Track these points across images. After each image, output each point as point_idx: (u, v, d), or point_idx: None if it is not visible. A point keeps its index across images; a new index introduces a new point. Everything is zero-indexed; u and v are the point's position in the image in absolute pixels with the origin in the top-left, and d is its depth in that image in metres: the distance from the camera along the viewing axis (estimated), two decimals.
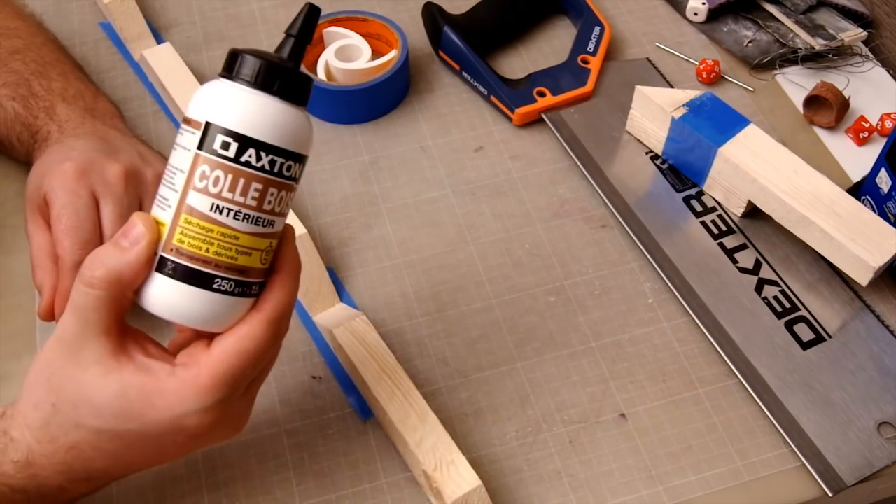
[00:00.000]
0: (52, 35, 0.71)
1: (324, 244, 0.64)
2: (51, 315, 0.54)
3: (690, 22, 0.80)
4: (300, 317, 0.60)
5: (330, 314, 0.59)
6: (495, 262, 0.64)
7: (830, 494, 0.53)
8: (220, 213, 0.39)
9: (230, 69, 0.40)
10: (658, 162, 0.69)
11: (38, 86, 0.63)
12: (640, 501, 0.53)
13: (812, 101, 0.72)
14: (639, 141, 0.70)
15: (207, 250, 0.39)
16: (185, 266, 0.40)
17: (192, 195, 0.39)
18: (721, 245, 0.64)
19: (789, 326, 0.60)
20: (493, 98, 0.72)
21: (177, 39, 0.78)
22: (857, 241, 0.58)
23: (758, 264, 0.63)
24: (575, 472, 0.54)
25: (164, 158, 0.60)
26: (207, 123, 0.39)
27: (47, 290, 0.54)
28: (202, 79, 0.73)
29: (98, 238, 0.54)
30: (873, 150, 0.69)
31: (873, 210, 0.63)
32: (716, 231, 0.65)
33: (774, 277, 0.62)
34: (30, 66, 0.64)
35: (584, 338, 0.60)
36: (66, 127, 0.60)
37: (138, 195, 0.57)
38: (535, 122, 0.72)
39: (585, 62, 0.74)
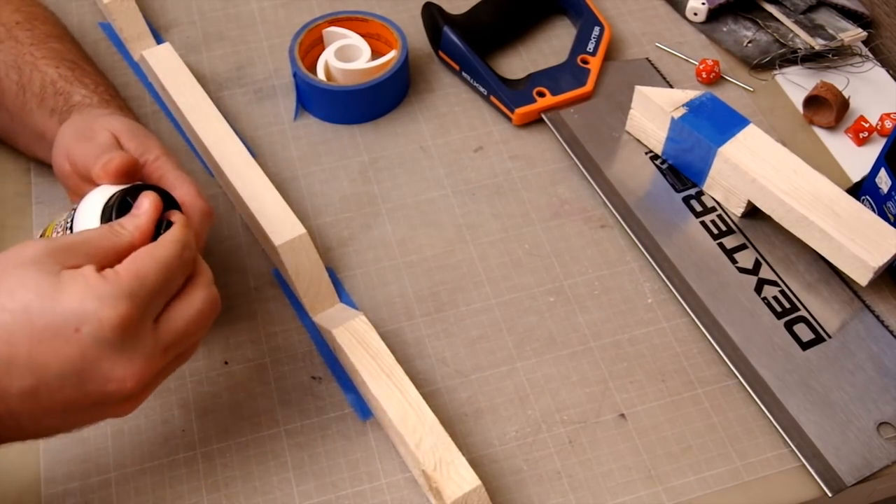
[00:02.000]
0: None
1: (323, 244, 0.64)
2: None
3: (690, 22, 0.80)
4: (300, 317, 0.60)
5: (329, 314, 0.59)
6: (495, 262, 0.64)
7: (830, 494, 0.53)
8: None
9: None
10: (658, 162, 0.69)
11: (86, 63, 0.64)
12: (639, 501, 0.53)
13: (812, 101, 0.72)
14: (638, 141, 0.70)
15: None
16: None
17: None
18: (721, 245, 0.64)
19: (789, 326, 0.60)
20: (492, 98, 0.72)
21: (177, 39, 0.78)
22: (856, 241, 0.59)
23: (757, 264, 0.63)
24: (574, 472, 0.54)
25: None
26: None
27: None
28: (202, 79, 0.73)
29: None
30: (873, 150, 0.69)
31: (873, 210, 0.63)
32: (715, 231, 0.65)
33: (774, 277, 0.62)
34: (68, 47, 0.65)
35: (584, 338, 0.60)
36: (111, 103, 0.61)
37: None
38: (534, 122, 0.72)
39: (585, 62, 0.74)
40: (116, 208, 0.48)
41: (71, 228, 0.48)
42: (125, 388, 0.42)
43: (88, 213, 0.48)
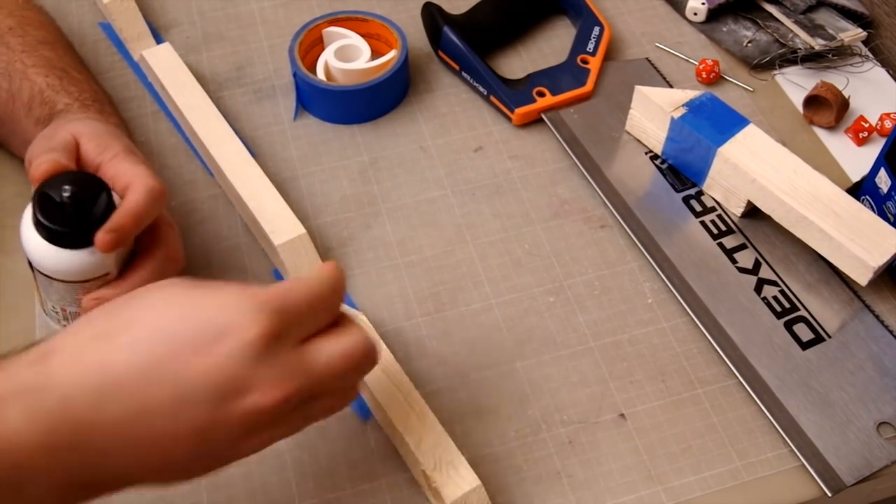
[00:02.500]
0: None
1: (323, 244, 0.64)
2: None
3: (690, 22, 0.80)
4: None
5: None
6: (495, 262, 0.64)
7: (830, 494, 0.53)
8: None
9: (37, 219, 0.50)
10: (657, 162, 0.69)
11: (75, 69, 0.64)
12: (639, 501, 0.53)
13: (812, 101, 0.72)
14: (638, 141, 0.70)
15: None
16: None
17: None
18: (720, 245, 0.64)
19: (789, 326, 0.60)
20: (492, 98, 0.72)
21: (176, 39, 0.78)
22: (856, 241, 0.59)
23: (757, 264, 0.63)
24: (574, 472, 0.54)
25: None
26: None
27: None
28: (202, 79, 0.73)
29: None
30: (873, 150, 0.69)
31: (873, 210, 0.63)
32: (715, 231, 0.65)
33: (774, 277, 0.62)
34: (59, 54, 0.64)
35: (584, 338, 0.60)
36: (92, 108, 0.61)
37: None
38: (534, 122, 0.72)
39: (585, 62, 0.74)
40: (38, 206, 0.50)
41: None
42: (265, 402, 0.39)
43: (25, 219, 0.52)
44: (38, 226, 0.50)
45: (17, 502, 0.37)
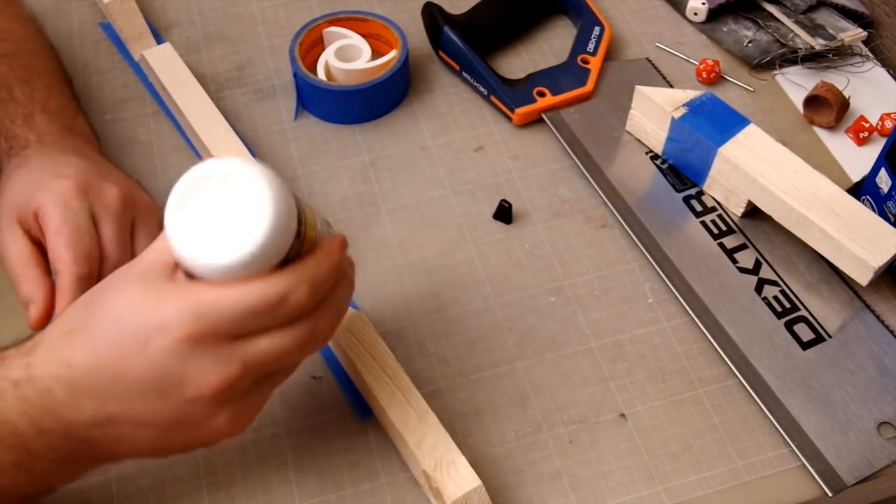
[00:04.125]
0: (46, 43, 0.70)
1: None
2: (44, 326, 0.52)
3: (690, 22, 0.80)
4: None
5: None
6: (495, 262, 0.64)
7: (830, 494, 0.53)
8: None
9: None
10: (658, 162, 0.69)
11: (20, 92, 0.62)
12: (640, 501, 0.53)
13: (812, 101, 0.72)
14: (639, 141, 0.70)
15: None
16: None
17: None
18: (721, 245, 0.64)
19: (789, 326, 0.60)
20: (493, 98, 0.72)
21: (177, 39, 0.78)
22: (856, 240, 0.59)
23: (758, 264, 0.63)
24: (575, 472, 0.54)
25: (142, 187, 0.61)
26: None
27: (41, 301, 0.53)
28: (202, 79, 0.73)
29: (98, 254, 0.54)
30: (873, 150, 0.69)
31: (873, 210, 0.63)
32: (716, 231, 0.65)
33: (774, 277, 0.62)
34: (15, 72, 0.63)
35: (584, 338, 0.60)
36: (46, 139, 0.59)
37: (132, 218, 0.57)
38: (535, 122, 0.72)
39: (585, 62, 0.74)
40: None
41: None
42: (201, 392, 0.41)
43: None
44: None
45: (35, 474, 0.43)
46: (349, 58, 0.72)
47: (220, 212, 0.40)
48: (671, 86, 0.75)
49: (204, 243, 0.40)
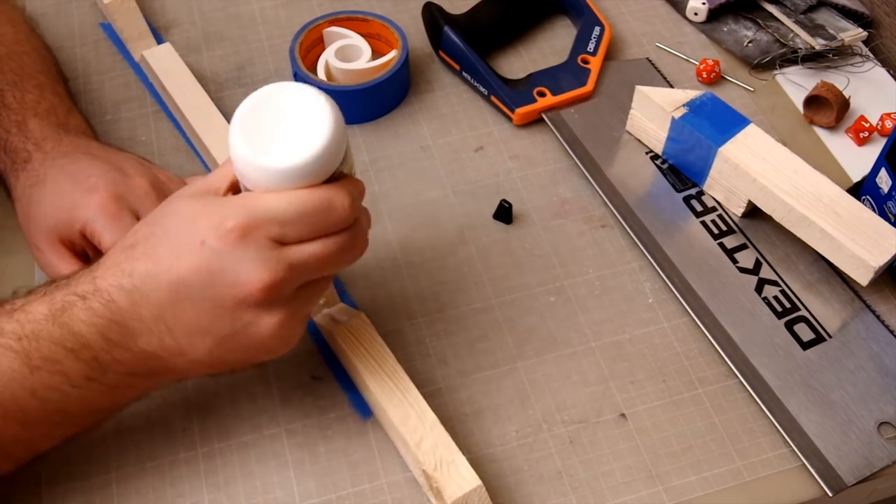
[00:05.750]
0: (40, 43, 0.70)
1: None
2: None
3: (690, 22, 0.80)
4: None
5: (330, 314, 0.59)
6: (495, 262, 0.64)
7: (830, 494, 0.53)
8: None
9: None
10: (658, 162, 0.69)
11: (12, 97, 0.62)
12: (640, 501, 0.53)
13: (812, 101, 0.72)
14: (639, 141, 0.70)
15: None
16: None
17: None
18: (721, 245, 0.64)
19: (789, 326, 0.60)
20: (493, 98, 0.72)
21: (177, 39, 0.78)
22: (857, 240, 0.59)
23: (758, 264, 0.63)
24: (575, 471, 0.54)
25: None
26: None
27: None
28: (202, 79, 0.73)
29: None
30: (873, 150, 0.69)
31: (873, 210, 0.63)
32: (716, 231, 0.65)
33: (774, 277, 0.62)
34: (7, 76, 0.63)
35: (585, 338, 0.60)
36: (44, 146, 0.59)
37: (165, 198, 0.57)
38: (535, 122, 0.72)
39: (585, 62, 0.74)
40: None
41: None
42: (251, 288, 0.44)
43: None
44: None
45: (104, 386, 0.46)
46: (349, 58, 0.72)
47: (284, 125, 0.44)
48: (671, 86, 0.75)
49: (266, 149, 0.44)
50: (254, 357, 0.48)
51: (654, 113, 0.68)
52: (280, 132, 0.44)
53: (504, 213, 0.65)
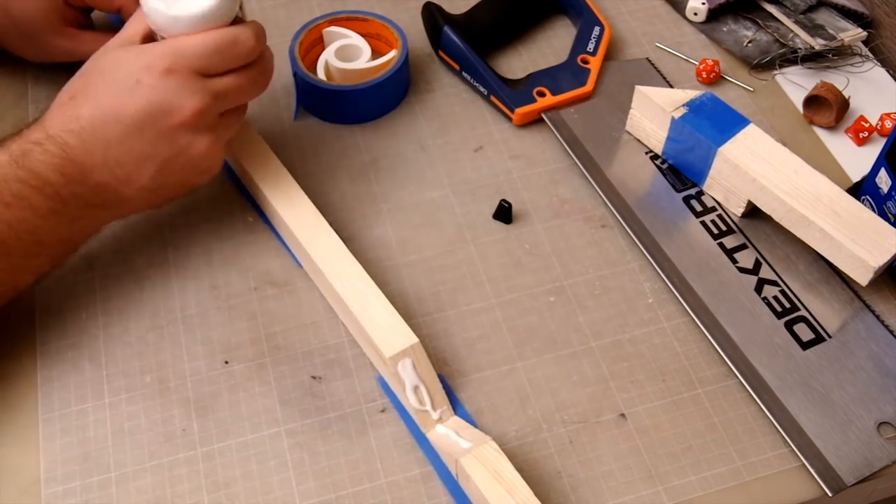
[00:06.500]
0: None
1: None
2: None
3: (690, 22, 0.80)
4: (411, 432, 0.55)
5: (447, 434, 0.53)
6: (495, 262, 0.64)
7: (830, 494, 0.53)
8: None
9: None
10: (658, 162, 0.69)
11: None
12: (640, 501, 0.53)
13: (812, 101, 0.72)
14: (639, 141, 0.70)
15: None
16: None
17: None
18: (721, 245, 0.64)
19: (789, 326, 0.60)
20: (492, 98, 0.72)
21: None
22: (856, 240, 0.59)
23: (757, 264, 0.63)
24: (575, 471, 0.54)
25: None
26: None
27: None
28: None
29: None
30: (873, 150, 0.70)
31: (873, 210, 0.63)
32: (716, 231, 0.65)
33: (774, 277, 0.62)
34: None
35: (584, 338, 0.60)
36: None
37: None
38: (534, 122, 0.72)
39: (585, 62, 0.74)
40: None
41: None
42: (186, 121, 0.53)
43: None
44: None
45: (65, 217, 0.53)
46: (349, 58, 0.72)
47: None
48: (671, 86, 0.75)
49: (176, 2, 0.53)
50: (189, 179, 0.57)
51: (653, 113, 0.68)
52: None
53: (504, 213, 0.65)
